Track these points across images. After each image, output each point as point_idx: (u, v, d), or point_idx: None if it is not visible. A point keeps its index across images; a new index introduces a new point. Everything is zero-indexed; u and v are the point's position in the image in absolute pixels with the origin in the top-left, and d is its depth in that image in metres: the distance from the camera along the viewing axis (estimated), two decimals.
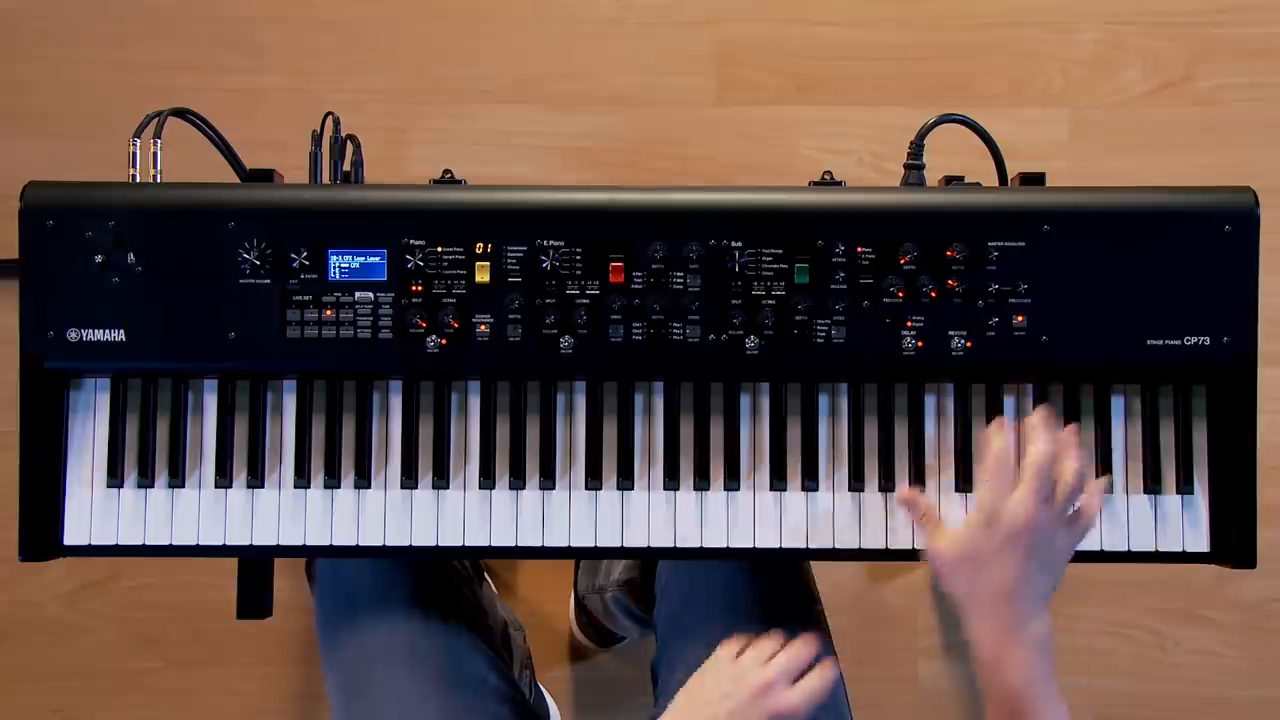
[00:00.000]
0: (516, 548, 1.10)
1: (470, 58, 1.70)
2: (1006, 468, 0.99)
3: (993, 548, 0.97)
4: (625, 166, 1.69)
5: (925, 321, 1.07)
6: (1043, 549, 0.97)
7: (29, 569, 1.64)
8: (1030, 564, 0.96)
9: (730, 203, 1.08)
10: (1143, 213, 1.07)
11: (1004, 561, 0.96)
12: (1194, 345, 1.07)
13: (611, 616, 1.53)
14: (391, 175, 1.66)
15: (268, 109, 1.68)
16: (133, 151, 1.12)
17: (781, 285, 1.08)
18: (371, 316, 1.07)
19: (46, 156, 1.67)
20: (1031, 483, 0.97)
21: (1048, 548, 0.97)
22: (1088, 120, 1.70)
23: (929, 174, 1.18)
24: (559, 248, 1.07)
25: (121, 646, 1.67)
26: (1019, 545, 0.96)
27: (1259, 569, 1.10)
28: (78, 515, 1.09)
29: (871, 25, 1.71)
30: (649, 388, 1.11)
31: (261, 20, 1.70)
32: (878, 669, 1.68)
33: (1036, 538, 0.96)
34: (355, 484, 1.09)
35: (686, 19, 1.71)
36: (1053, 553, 0.98)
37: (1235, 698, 1.68)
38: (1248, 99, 1.69)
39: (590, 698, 1.68)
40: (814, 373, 1.10)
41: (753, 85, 1.71)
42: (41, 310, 1.06)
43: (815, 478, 1.10)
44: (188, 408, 1.10)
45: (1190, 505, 1.10)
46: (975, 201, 1.09)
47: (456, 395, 1.11)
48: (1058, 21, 1.71)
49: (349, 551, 1.09)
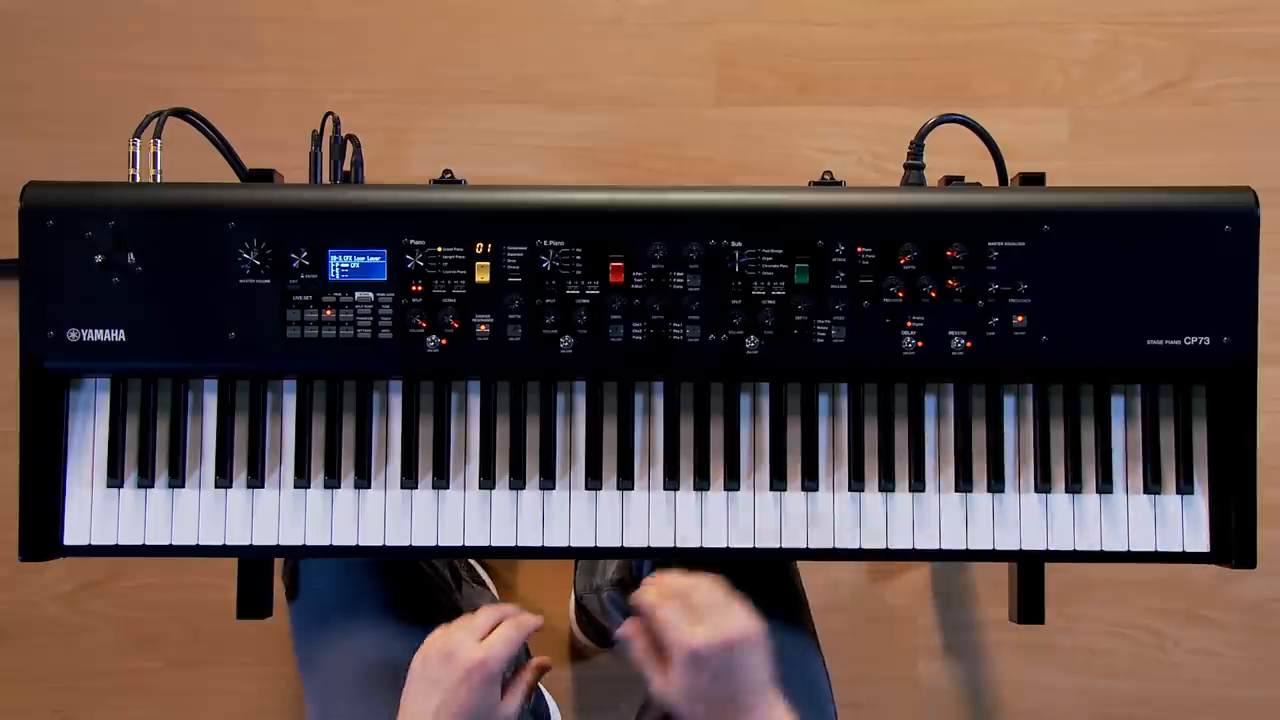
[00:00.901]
0: (516, 548, 1.10)
1: (470, 58, 1.70)
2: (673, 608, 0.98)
3: (708, 681, 0.96)
4: (625, 167, 1.69)
5: (925, 321, 1.07)
6: (748, 653, 0.97)
7: (29, 569, 1.64)
8: (744, 672, 0.97)
9: (730, 203, 1.08)
10: (1143, 213, 1.07)
11: (721, 685, 0.96)
12: (1194, 345, 1.07)
13: (609, 616, 1.53)
14: (391, 175, 1.66)
15: (268, 109, 1.68)
16: (133, 151, 1.12)
17: (781, 285, 1.08)
18: (371, 316, 1.07)
19: (46, 156, 1.67)
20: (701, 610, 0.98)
21: (751, 649, 0.97)
22: (1087, 120, 1.70)
23: (929, 174, 1.18)
24: (559, 248, 1.07)
25: (121, 646, 1.67)
26: (729, 665, 0.96)
27: (1259, 569, 1.11)
28: (78, 515, 1.09)
29: (870, 25, 1.71)
30: (649, 388, 1.11)
31: (261, 20, 1.70)
32: (878, 669, 1.68)
33: (740, 651, 0.96)
34: (355, 484, 1.09)
35: (685, 19, 1.71)
36: (756, 649, 0.98)
37: (1235, 698, 1.68)
38: (1247, 99, 1.70)
39: (590, 698, 1.68)
40: (814, 373, 1.10)
41: (752, 85, 1.71)
42: (41, 310, 1.06)
43: (815, 478, 1.10)
44: (188, 408, 1.10)
45: (1190, 505, 1.10)
46: (975, 201, 1.09)
47: (456, 395, 1.11)
48: (1057, 21, 1.71)
49: (349, 551, 1.09)
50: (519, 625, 1.03)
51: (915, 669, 1.68)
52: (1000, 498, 1.10)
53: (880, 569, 1.68)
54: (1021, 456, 1.11)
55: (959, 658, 1.68)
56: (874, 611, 1.68)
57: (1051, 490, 1.10)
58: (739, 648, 0.97)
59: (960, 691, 1.68)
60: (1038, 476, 1.10)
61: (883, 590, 1.69)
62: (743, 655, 0.97)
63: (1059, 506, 1.10)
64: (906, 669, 1.68)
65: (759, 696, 0.98)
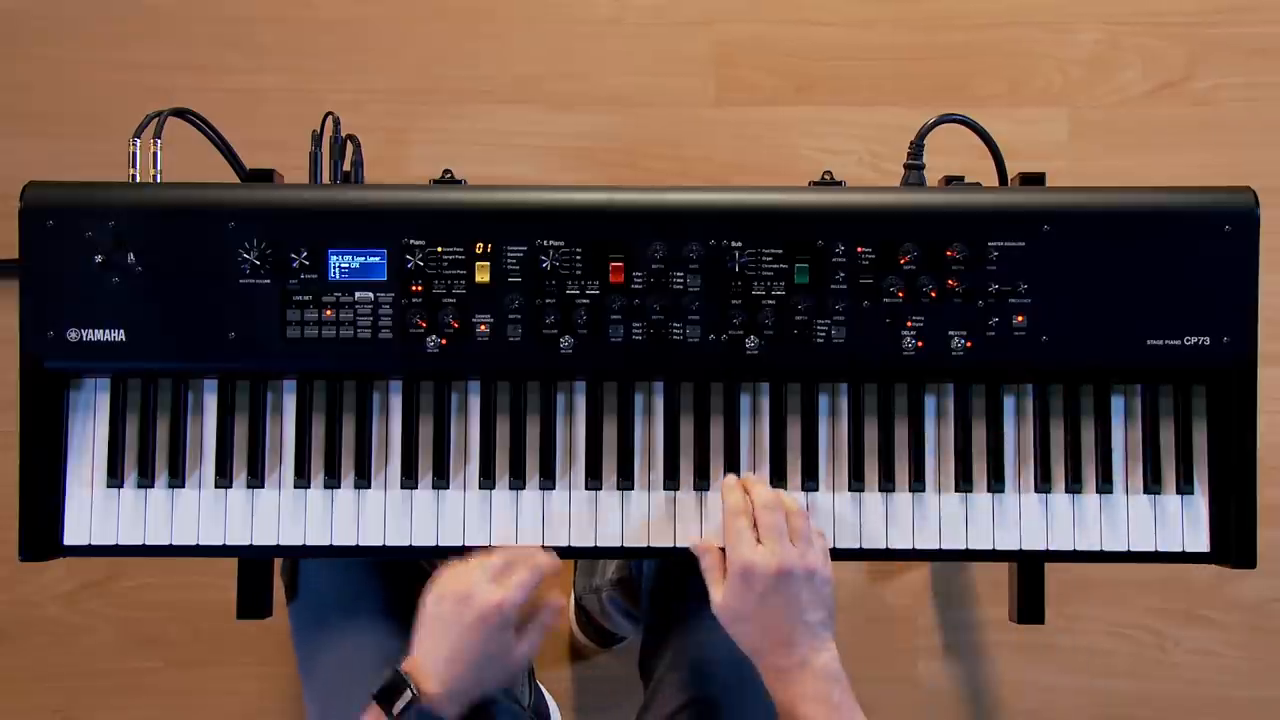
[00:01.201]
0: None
1: (470, 58, 1.70)
2: (744, 523, 1.01)
3: (755, 601, 0.98)
4: (624, 167, 1.69)
5: (925, 321, 1.07)
6: (801, 587, 0.98)
7: (29, 569, 1.64)
8: (794, 606, 0.98)
9: (730, 203, 1.08)
10: (1142, 213, 1.07)
11: (771, 611, 0.98)
12: (1194, 345, 1.07)
13: (609, 616, 1.53)
14: (391, 175, 1.66)
15: (268, 109, 1.68)
16: (133, 151, 1.12)
17: (781, 285, 1.08)
18: (371, 316, 1.07)
19: (46, 156, 1.67)
20: (770, 532, 0.99)
21: (806, 584, 0.99)
22: (1087, 120, 1.70)
23: (929, 174, 1.18)
24: (559, 248, 1.07)
25: (121, 646, 1.67)
26: (778, 592, 0.98)
27: (1259, 569, 1.11)
28: (78, 515, 1.09)
29: (869, 25, 1.71)
30: (649, 388, 1.11)
31: (261, 20, 1.70)
32: (878, 669, 1.68)
33: (791, 582, 0.98)
34: (355, 484, 1.09)
35: (684, 19, 1.71)
36: (813, 586, 0.99)
37: (1235, 698, 1.68)
38: (1246, 99, 1.70)
39: (590, 698, 1.68)
40: (814, 373, 1.10)
41: (751, 86, 1.71)
42: (41, 310, 1.06)
43: (815, 478, 1.10)
44: (188, 408, 1.10)
45: (1190, 505, 1.10)
46: (975, 201, 1.09)
47: (456, 395, 1.11)
48: (1056, 21, 1.71)
49: (349, 551, 1.09)
50: (535, 567, 1.02)
51: (915, 669, 1.68)
52: (1000, 498, 1.10)
53: (880, 569, 1.68)
54: (1021, 456, 1.11)
55: (959, 658, 1.68)
56: (874, 611, 1.68)
57: (1051, 490, 1.10)
58: (793, 578, 0.98)
59: (960, 691, 1.68)
60: (1038, 476, 1.10)
61: (883, 590, 1.69)
62: (795, 585, 0.98)
63: (1059, 506, 1.10)
64: (906, 669, 1.68)
65: (807, 634, 0.98)
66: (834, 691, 0.98)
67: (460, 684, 0.99)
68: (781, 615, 0.98)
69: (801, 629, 0.98)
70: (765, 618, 0.98)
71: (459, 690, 0.99)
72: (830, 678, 0.98)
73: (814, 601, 0.99)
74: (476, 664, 0.99)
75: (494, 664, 1.01)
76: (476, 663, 0.99)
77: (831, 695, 0.98)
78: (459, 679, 0.99)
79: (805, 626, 0.98)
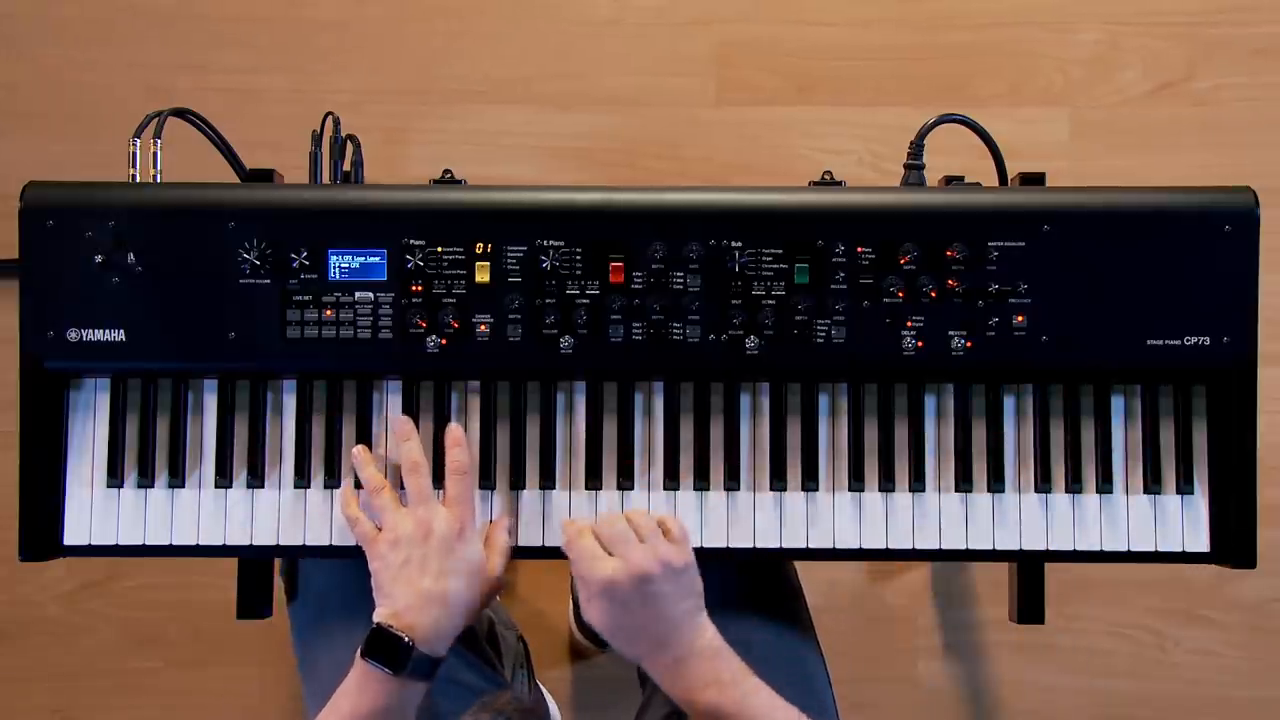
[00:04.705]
0: (516, 548, 1.09)
1: (470, 58, 1.70)
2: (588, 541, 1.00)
3: (624, 611, 0.99)
4: (623, 167, 1.69)
5: (925, 321, 1.07)
6: (663, 583, 0.98)
7: (29, 569, 1.64)
8: (662, 603, 0.98)
9: (730, 203, 1.08)
10: (1143, 213, 1.07)
11: (642, 615, 0.98)
12: (1194, 345, 1.07)
13: None
14: (391, 175, 1.66)
15: (268, 109, 1.68)
16: (133, 151, 1.12)
17: (781, 285, 1.08)
18: (371, 316, 1.07)
19: (46, 156, 1.67)
20: (616, 542, 0.99)
21: (667, 579, 0.98)
22: (1088, 120, 1.70)
23: (929, 174, 1.18)
24: (559, 248, 1.07)
25: (121, 646, 1.67)
26: (642, 595, 0.98)
27: (1259, 569, 1.11)
28: (78, 515, 1.09)
29: (870, 25, 1.71)
30: (649, 388, 1.11)
31: (261, 20, 1.70)
32: (878, 669, 1.68)
33: (652, 581, 0.97)
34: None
35: (684, 20, 1.71)
36: (674, 578, 0.99)
37: (1235, 698, 1.68)
38: (1247, 99, 1.70)
39: (590, 698, 1.68)
40: (814, 373, 1.10)
41: (751, 86, 1.71)
42: (41, 310, 1.06)
43: (815, 478, 1.10)
44: (188, 408, 1.10)
45: (1190, 505, 1.10)
46: (975, 201, 1.09)
47: (456, 395, 1.11)
48: (1057, 21, 1.71)
49: (349, 551, 1.09)
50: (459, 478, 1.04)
51: (915, 669, 1.68)
52: (1000, 498, 1.10)
53: (880, 569, 1.68)
54: (1021, 456, 1.11)
55: (959, 658, 1.68)
56: (874, 611, 1.68)
57: (1051, 490, 1.10)
58: (652, 577, 0.98)
59: (960, 691, 1.68)
60: (1038, 476, 1.10)
61: (883, 590, 1.69)
62: (655, 584, 0.98)
63: (1059, 506, 1.10)
64: (906, 669, 1.68)
65: (681, 626, 0.99)
66: (723, 670, 0.98)
67: (447, 619, 1.01)
68: (653, 616, 0.98)
69: (674, 623, 0.99)
70: (638, 622, 0.99)
71: (447, 626, 1.01)
72: (714, 656, 0.99)
73: (678, 593, 0.99)
74: (455, 591, 1.01)
75: (472, 582, 1.02)
76: (454, 590, 1.01)
77: (721, 675, 0.98)
78: (444, 614, 1.00)
79: (677, 619, 0.99)
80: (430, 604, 1.00)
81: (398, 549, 1.01)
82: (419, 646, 0.98)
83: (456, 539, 1.02)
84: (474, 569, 1.03)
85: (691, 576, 1.00)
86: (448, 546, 1.01)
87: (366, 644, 0.99)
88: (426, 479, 1.04)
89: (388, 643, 0.98)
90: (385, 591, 1.01)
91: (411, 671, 0.98)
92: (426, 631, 0.99)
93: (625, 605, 0.98)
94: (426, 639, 0.99)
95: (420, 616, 0.99)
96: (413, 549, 1.01)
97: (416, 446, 1.05)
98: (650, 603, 0.98)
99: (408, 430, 1.07)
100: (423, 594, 1.00)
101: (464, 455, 1.05)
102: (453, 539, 1.02)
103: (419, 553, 1.01)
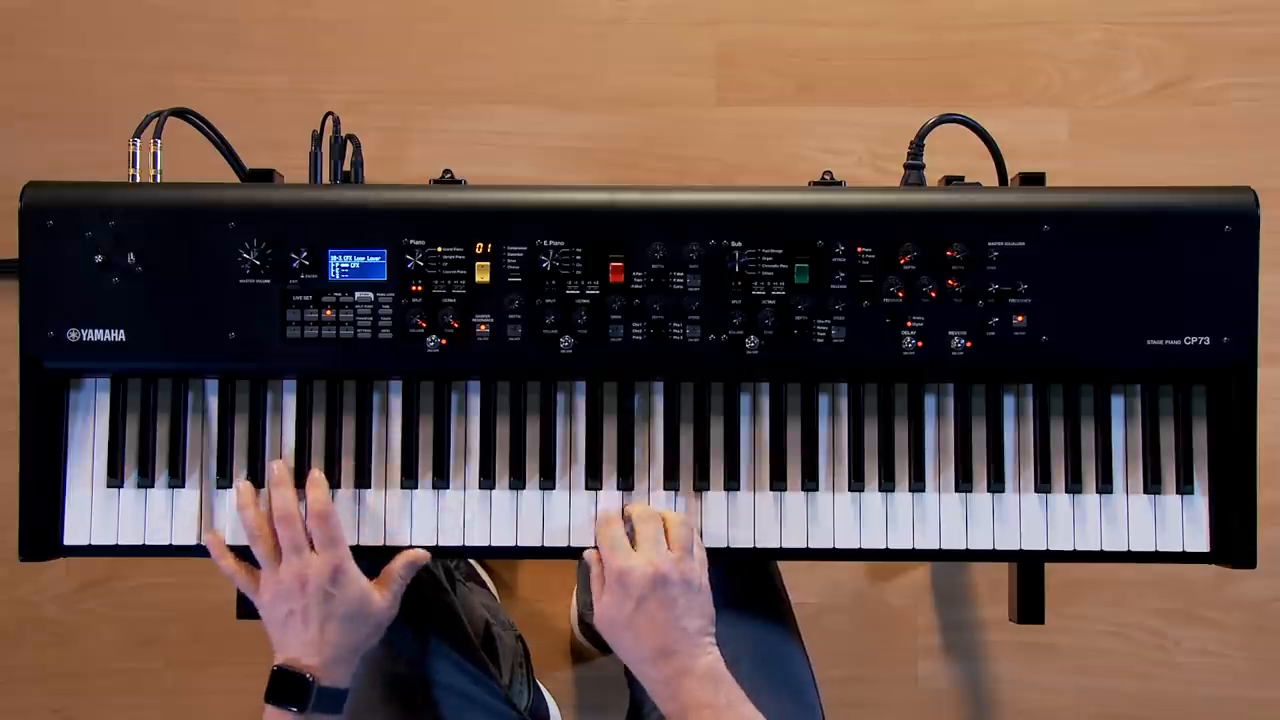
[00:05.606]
0: (516, 548, 1.10)
1: (470, 58, 1.70)
2: (618, 530, 1.02)
3: (633, 607, 0.99)
4: (625, 167, 1.69)
5: (925, 321, 1.07)
6: (678, 593, 0.99)
7: (29, 569, 1.64)
8: (672, 611, 0.99)
9: (730, 203, 1.08)
10: (1143, 213, 1.07)
11: (649, 617, 0.99)
12: (1194, 345, 1.07)
13: None
14: (391, 175, 1.66)
15: (268, 109, 1.68)
16: (133, 151, 1.13)
17: (781, 285, 1.08)
18: (371, 316, 1.07)
19: (46, 156, 1.67)
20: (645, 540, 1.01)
21: (682, 591, 0.99)
22: (1088, 120, 1.70)
23: (929, 174, 1.18)
24: (559, 248, 1.07)
25: (121, 646, 1.67)
26: (655, 598, 0.99)
27: (1259, 569, 1.10)
28: (78, 515, 1.09)
29: (872, 25, 1.71)
30: (649, 388, 1.11)
31: (261, 20, 1.70)
32: (878, 669, 1.68)
33: (668, 586, 0.99)
34: (354, 484, 1.09)
35: (687, 19, 1.71)
36: (689, 594, 1.00)
37: (1236, 698, 1.68)
38: (1247, 99, 1.69)
39: (590, 698, 1.68)
40: (814, 373, 1.10)
41: (753, 85, 1.71)
42: (41, 310, 1.06)
43: (815, 478, 1.10)
44: (188, 408, 1.10)
45: (1190, 505, 1.10)
46: (975, 201, 1.09)
47: (456, 395, 1.11)
48: (1057, 21, 1.71)
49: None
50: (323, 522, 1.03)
51: (915, 669, 1.68)
52: (1000, 498, 1.10)
53: (880, 569, 1.68)
54: (1021, 456, 1.11)
55: (959, 657, 1.68)
56: (874, 611, 1.68)
57: (1051, 490, 1.10)
58: (669, 583, 0.98)
59: (960, 691, 1.68)
60: (1038, 476, 1.10)
61: (883, 590, 1.69)
62: (671, 590, 0.98)
63: (1059, 506, 1.10)
64: (906, 669, 1.68)
65: (685, 641, 0.99)
66: (719, 695, 0.99)
67: (339, 660, 1.02)
68: (659, 622, 0.99)
69: (679, 636, 0.99)
70: (643, 624, 0.99)
71: (343, 664, 1.03)
72: (714, 680, 0.99)
73: (691, 609, 1.00)
74: (340, 633, 1.02)
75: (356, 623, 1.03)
76: (340, 633, 1.02)
77: (717, 699, 0.98)
78: (334, 655, 1.02)
79: (683, 633, 0.99)
80: (320, 649, 1.02)
81: (278, 604, 1.03)
82: (320, 682, 1.01)
83: (331, 585, 1.02)
84: (354, 611, 1.03)
85: (705, 600, 1.01)
86: (324, 594, 1.02)
87: (269, 689, 1.01)
88: (297, 528, 1.03)
89: (289, 682, 1.01)
90: (276, 641, 1.03)
91: (317, 705, 1.00)
92: (324, 669, 1.02)
93: (639, 602, 0.99)
94: (326, 674, 1.01)
95: (314, 659, 1.01)
96: (292, 601, 1.02)
97: (289, 495, 1.04)
98: (663, 607, 0.98)
99: (283, 477, 1.06)
100: (310, 643, 1.01)
101: (324, 495, 1.05)
102: (327, 585, 1.02)
103: (300, 604, 1.02)
